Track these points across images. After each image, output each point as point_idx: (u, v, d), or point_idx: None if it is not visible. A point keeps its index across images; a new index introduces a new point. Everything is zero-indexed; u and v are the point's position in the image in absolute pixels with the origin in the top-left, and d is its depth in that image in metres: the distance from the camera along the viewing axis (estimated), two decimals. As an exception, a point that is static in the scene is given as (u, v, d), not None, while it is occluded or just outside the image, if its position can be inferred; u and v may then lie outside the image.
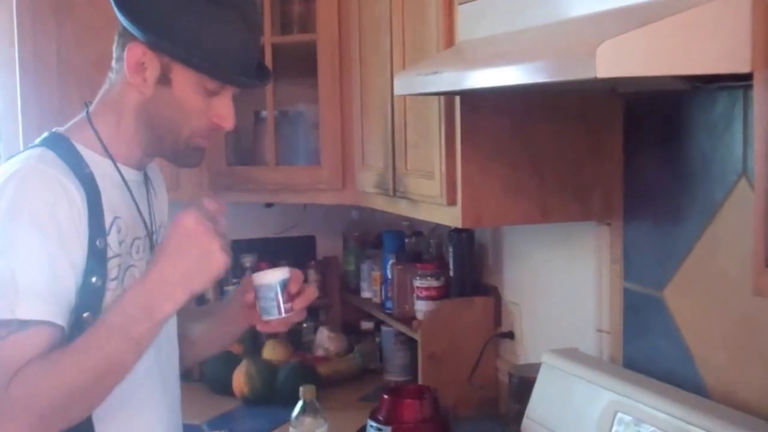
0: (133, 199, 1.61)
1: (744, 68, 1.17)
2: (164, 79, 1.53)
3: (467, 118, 1.95)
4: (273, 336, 3.19)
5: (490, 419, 2.44)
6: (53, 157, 1.51)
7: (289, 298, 1.62)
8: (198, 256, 1.44)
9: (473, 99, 1.94)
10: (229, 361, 2.78)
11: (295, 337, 3.28)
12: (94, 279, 1.49)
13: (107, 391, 1.44)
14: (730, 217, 1.67)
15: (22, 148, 2.74)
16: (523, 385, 2.10)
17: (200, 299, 3.19)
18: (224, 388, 2.78)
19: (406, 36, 2.21)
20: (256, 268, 3.23)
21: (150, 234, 1.65)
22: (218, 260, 1.45)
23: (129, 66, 1.52)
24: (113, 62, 1.59)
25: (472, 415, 2.47)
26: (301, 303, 1.64)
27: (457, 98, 1.94)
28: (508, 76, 1.38)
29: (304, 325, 3.30)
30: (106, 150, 1.58)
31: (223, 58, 1.51)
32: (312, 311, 3.36)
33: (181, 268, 1.43)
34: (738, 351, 1.67)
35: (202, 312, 1.89)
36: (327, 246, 3.44)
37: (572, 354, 2.03)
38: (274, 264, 3.23)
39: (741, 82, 1.44)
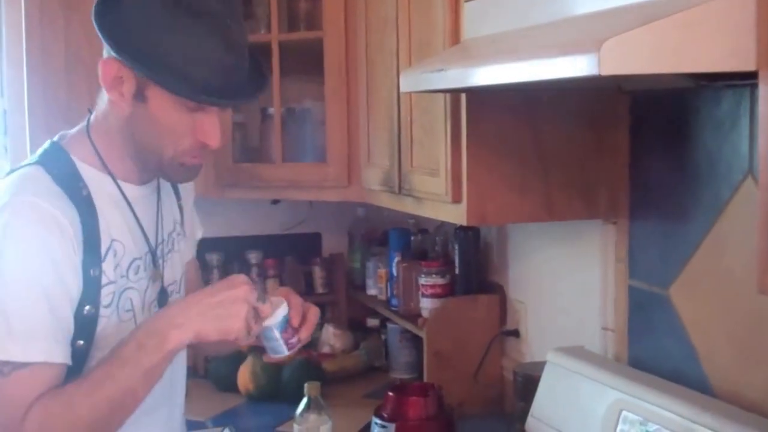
0: (135, 217, 1.58)
1: (749, 66, 1.16)
2: (141, 96, 1.48)
3: (473, 115, 1.94)
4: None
5: (495, 417, 2.44)
6: (48, 182, 1.47)
7: (294, 331, 1.57)
8: (221, 306, 1.42)
9: (479, 96, 1.93)
10: (234, 357, 2.78)
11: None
12: (87, 308, 1.47)
13: (120, 425, 1.44)
14: (736, 215, 1.67)
15: (28, 145, 2.79)
16: (527, 383, 2.10)
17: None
18: (229, 385, 2.78)
19: (413, 33, 2.21)
20: (262, 265, 3.24)
21: (152, 250, 1.62)
22: (235, 323, 1.42)
23: (104, 80, 1.49)
24: None
25: (476, 413, 2.47)
26: (306, 332, 1.60)
27: (463, 96, 1.94)
28: (512, 73, 1.38)
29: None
30: (104, 166, 1.55)
31: (195, 76, 1.44)
32: (318, 308, 3.36)
33: (201, 306, 1.42)
34: (744, 350, 1.66)
35: None
36: (333, 243, 3.44)
37: (577, 352, 2.03)
38: (279, 262, 3.26)
39: (747, 80, 1.43)
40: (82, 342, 1.47)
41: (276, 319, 1.54)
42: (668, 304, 1.85)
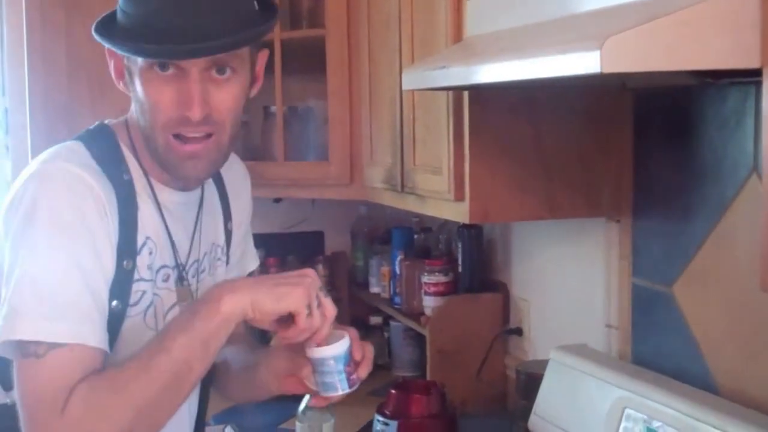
0: (165, 225, 1.45)
1: (753, 63, 1.15)
2: (130, 78, 1.38)
3: (475, 113, 1.93)
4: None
5: (498, 415, 2.43)
6: (86, 156, 1.36)
7: (355, 365, 1.43)
8: (283, 282, 1.31)
9: (481, 94, 1.93)
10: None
11: (303, 333, 3.28)
12: (114, 303, 1.34)
13: (174, 407, 1.30)
14: (740, 213, 1.66)
15: (29, 144, 2.80)
16: (530, 381, 2.10)
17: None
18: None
19: (415, 31, 2.21)
20: (265, 264, 3.23)
21: (180, 266, 1.49)
22: (296, 292, 1.30)
23: (113, 74, 1.42)
24: None
25: (479, 411, 2.47)
26: (365, 370, 1.46)
27: (466, 94, 1.93)
28: (514, 70, 1.37)
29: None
30: (139, 163, 1.43)
31: (134, 28, 1.30)
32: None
33: (262, 280, 1.33)
34: (748, 347, 1.66)
35: (236, 373, 1.66)
36: (335, 241, 3.44)
37: (580, 350, 2.02)
38: (282, 260, 3.25)
39: (753, 77, 1.42)
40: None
41: (339, 350, 1.40)
42: (672, 302, 1.84)
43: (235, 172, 1.70)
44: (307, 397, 2.00)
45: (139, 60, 1.33)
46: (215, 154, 1.41)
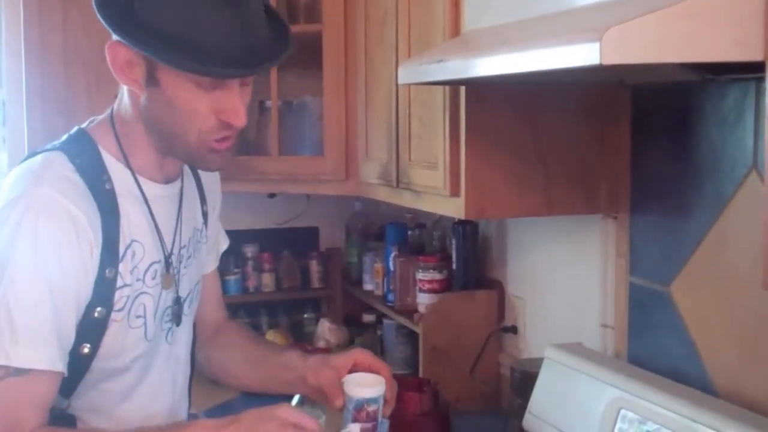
0: (153, 219, 1.49)
1: (756, 56, 1.14)
2: (152, 80, 1.38)
3: (472, 108, 1.92)
4: (274, 326, 3.18)
5: (492, 414, 2.42)
6: (70, 172, 1.40)
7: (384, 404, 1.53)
8: None
9: (478, 89, 1.91)
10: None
11: (296, 329, 3.27)
12: (98, 309, 1.40)
13: None
14: (739, 211, 1.65)
15: (26, 135, 2.78)
16: (525, 379, 2.08)
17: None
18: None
19: (412, 26, 2.19)
20: (258, 259, 3.22)
21: (167, 255, 1.53)
22: None
23: (114, 67, 1.40)
24: None
25: (473, 410, 2.45)
26: (390, 408, 1.55)
27: (462, 89, 1.92)
28: (512, 63, 1.36)
29: (305, 316, 3.29)
30: (126, 161, 1.47)
31: (200, 48, 1.32)
32: (314, 302, 3.35)
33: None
34: (746, 348, 1.64)
35: (259, 357, 1.77)
36: (330, 237, 3.43)
37: (576, 349, 2.01)
38: (275, 256, 3.24)
39: (753, 73, 1.41)
40: (87, 347, 1.40)
41: (380, 390, 1.50)
42: (669, 301, 1.83)
43: None
44: (298, 395, 1.99)
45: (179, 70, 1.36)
46: (233, 147, 1.48)
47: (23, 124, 2.81)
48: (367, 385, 1.51)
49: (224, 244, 1.84)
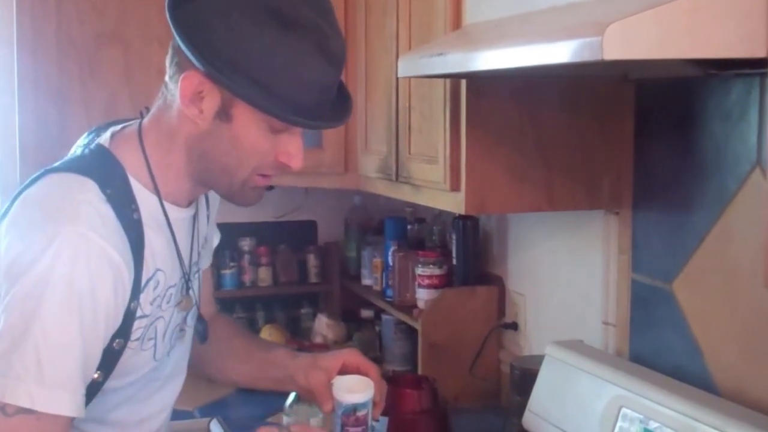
0: (175, 242, 1.46)
1: (759, 52, 1.15)
2: (224, 115, 1.34)
3: (473, 102, 1.90)
4: (270, 322, 3.16)
5: (491, 411, 2.41)
6: (102, 206, 1.33)
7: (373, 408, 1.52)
8: None
9: (479, 83, 1.89)
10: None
11: (293, 324, 3.25)
12: (117, 341, 1.36)
13: None
14: (742, 207, 1.63)
15: (17, 125, 2.76)
16: (525, 377, 2.07)
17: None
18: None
19: (413, 18, 2.18)
20: (255, 253, 3.19)
21: (186, 275, 1.51)
22: None
23: (184, 96, 1.34)
24: (167, 78, 1.39)
25: (472, 407, 2.44)
26: (379, 410, 1.55)
27: (463, 82, 1.90)
28: (514, 58, 1.35)
29: (303, 311, 3.27)
30: (155, 184, 1.41)
31: (293, 97, 1.32)
32: (311, 297, 3.33)
33: None
34: (748, 346, 1.63)
35: (246, 352, 1.75)
36: (328, 231, 3.41)
37: (577, 346, 2.00)
38: (272, 250, 3.22)
39: (757, 69, 1.39)
40: (99, 374, 1.36)
41: (369, 395, 1.50)
42: (671, 299, 1.81)
43: None
44: (294, 393, 1.97)
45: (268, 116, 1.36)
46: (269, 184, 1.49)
47: (14, 114, 2.79)
48: (356, 390, 1.50)
49: (216, 239, 1.81)
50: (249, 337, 1.86)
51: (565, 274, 2.24)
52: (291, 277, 3.28)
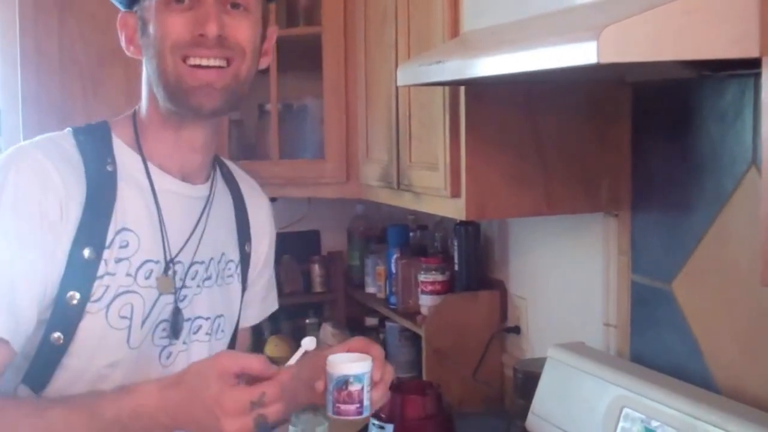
0: (159, 214, 1.42)
1: (752, 53, 1.14)
2: (143, 27, 1.40)
3: (472, 109, 1.92)
4: (275, 332, 3.17)
5: (495, 415, 2.41)
6: (69, 146, 1.38)
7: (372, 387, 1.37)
8: (198, 422, 1.24)
9: (478, 89, 1.91)
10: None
11: (298, 334, 3.26)
12: (70, 293, 1.31)
13: None
14: (739, 207, 1.64)
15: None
16: (528, 380, 2.08)
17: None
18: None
19: (411, 27, 2.19)
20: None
21: (167, 263, 1.42)
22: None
23: (121, 38, 1.45)
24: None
25: (476, 411, 2.45)
26: (381, 393, 1.41)
27: (462, 89, 1.92)
28: (511, 63, 1.36)
29: (308, 321, 3.28)
30: (139, 147, 1.43)
31: None
32: (316, 307, 3.34)
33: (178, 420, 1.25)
34: (748, 344, 1.64)
35: None
36: (332, 241, 3.42)
37: (578, 348, 2.01)
38: (276, 260, 3.21)
39: (751, 69, 1.41)
40: (59, 335, 1.32)
41: (365, 368, 1.36)
42: (671, 299, 1.82)
43: (260, 206, 1.75)
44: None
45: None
46: (232, 85, 1.39)
47: (19, 134, 2.79)
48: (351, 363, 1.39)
49: (273, 307, 1.80)
50: None
51: (566, 276, 2.25)
52: (295, 287, 3.28)
